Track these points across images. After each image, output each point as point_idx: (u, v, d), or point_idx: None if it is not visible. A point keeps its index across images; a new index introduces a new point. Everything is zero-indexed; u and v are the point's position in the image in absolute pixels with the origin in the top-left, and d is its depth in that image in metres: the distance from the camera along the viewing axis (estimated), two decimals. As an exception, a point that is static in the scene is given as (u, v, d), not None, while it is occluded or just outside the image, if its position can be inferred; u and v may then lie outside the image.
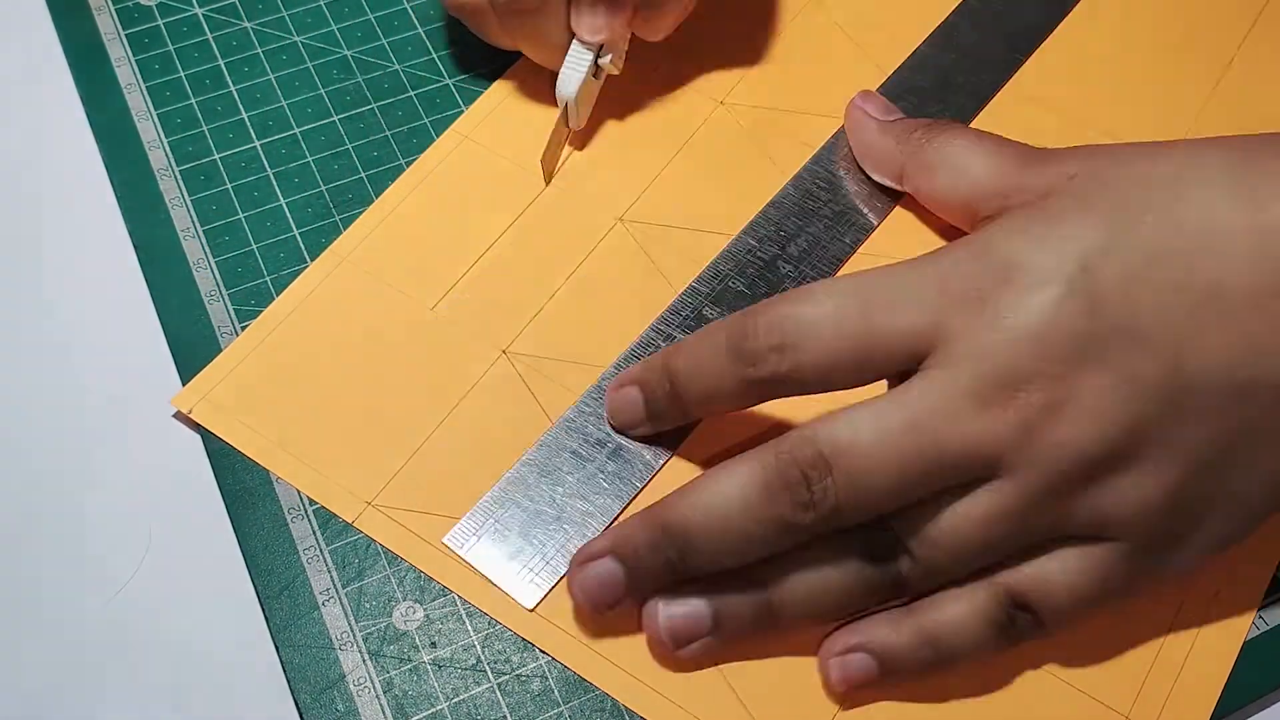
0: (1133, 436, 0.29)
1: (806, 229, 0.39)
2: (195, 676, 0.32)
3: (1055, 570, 0.31)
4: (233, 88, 0.43)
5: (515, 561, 0.33)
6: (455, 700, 0.32)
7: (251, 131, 0.42)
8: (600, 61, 0.40)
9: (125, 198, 0.40)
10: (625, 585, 0.31)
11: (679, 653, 0.32)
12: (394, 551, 0.34)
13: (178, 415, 0.36)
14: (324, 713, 0.32)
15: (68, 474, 0.35)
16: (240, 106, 0.42)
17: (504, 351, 0.37)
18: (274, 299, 0.38)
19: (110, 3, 0.44)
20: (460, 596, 0.33)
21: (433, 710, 0.32)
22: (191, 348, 0.37)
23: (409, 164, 0.41)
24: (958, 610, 0.31)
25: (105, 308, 0.38)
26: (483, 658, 0.33)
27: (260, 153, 0.41)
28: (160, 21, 0.44)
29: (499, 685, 0.32)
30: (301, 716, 0.32)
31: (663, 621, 0.31)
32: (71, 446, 0.36)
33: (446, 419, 0.35)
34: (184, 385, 0.36)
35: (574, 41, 0.39)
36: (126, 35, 0.44)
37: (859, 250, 0.39)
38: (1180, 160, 0.31)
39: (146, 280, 0.38)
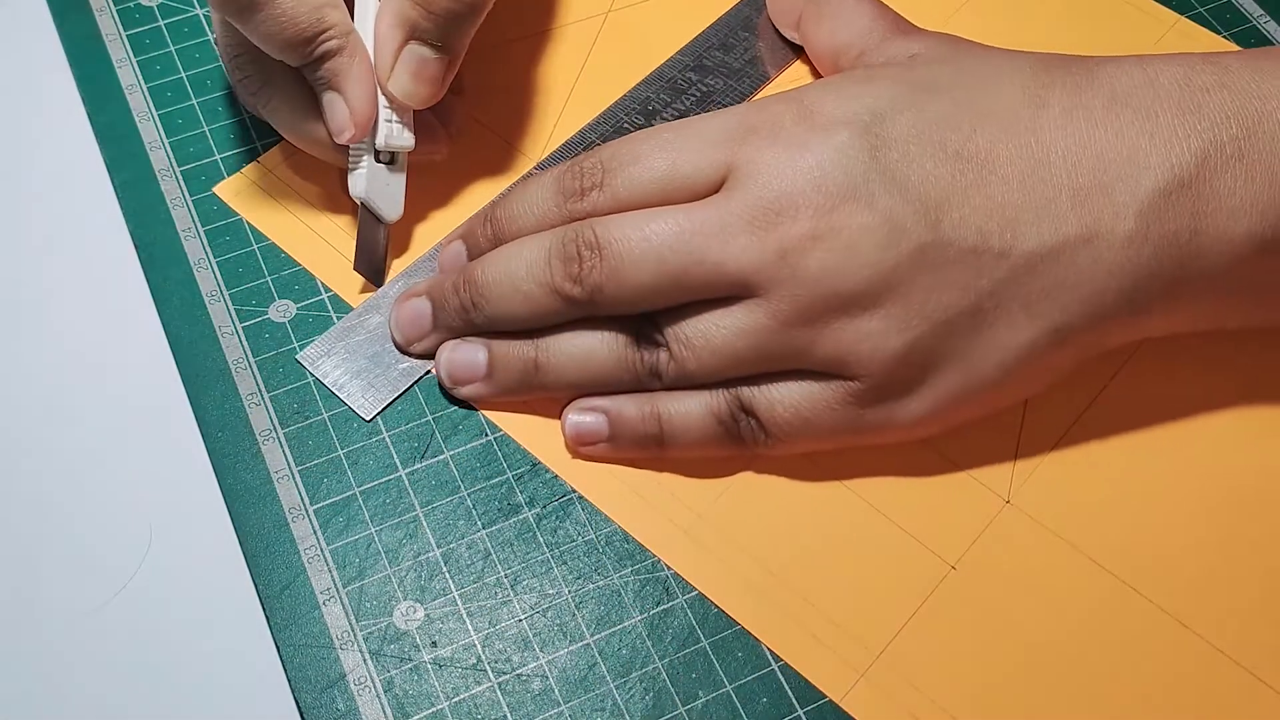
0: (883, 281, 0.32)
1: (704, 81, 0.43)
2: (195, 676, 0.32)
3: (786, 390, 0.34)
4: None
5: (358, 380, 0.37)
6: (455, 700, 0.32)
7: (252, 132, 0.42)
8: (382, 146, 0.37)
9: (125, 198, 0.40)
10: (431, 321, 0.36)
11: (456, 392, 0.36)
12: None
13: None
14: (324, 712, 0.32)
15: (68, 474, 0.35)
16: (241, 107, 0.42)
17: (537, 164, 0.41)
18: (275, 300, 0.38)
19: (111, 3, 0.44)
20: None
21: (433, 710, 0.32)
22: (191, 348, 0.37)
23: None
24: (691, 401, 0.35)
25: (105, 308, 0.38)
26: (483, 657, 0.33)
27: (261, 153, 0.41)
28: (161, 22, 0.44)
29: (499, 685, 0.32)
30: (302, 716, 0.32)
31: (444, 361, 0.36)
32: (72, 446, 0.36)
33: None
34: (185, 388, 0.36)
35: None
36: (128, 36, 0.44)
37: (752, 98, 0.42)
38: (1001, 62, 0.35)
39: (146, 280, 0.38)
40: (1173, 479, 0.35)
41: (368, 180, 0.37)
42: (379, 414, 0.36)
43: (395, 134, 0.37)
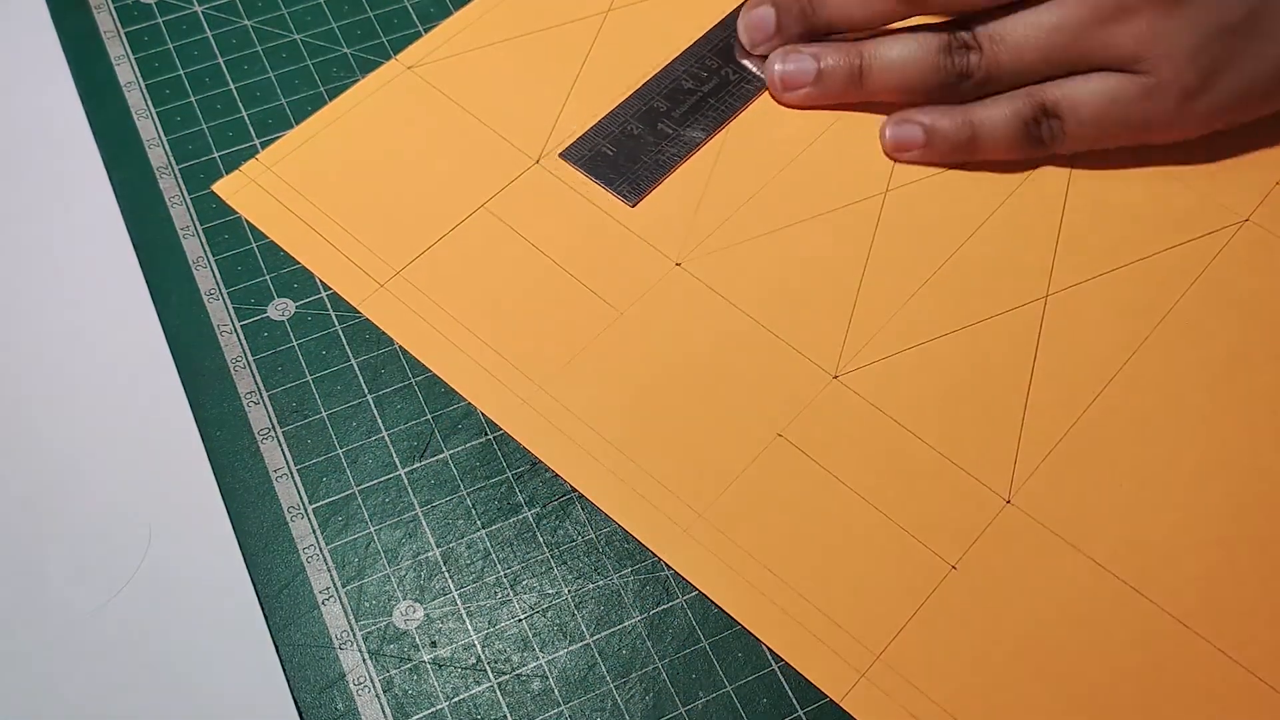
0: None
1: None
2: (195, 676, 0.32)
3: (1084, 87, 0.38)
4: (232, 85, 0.42)
5: (618, 172, 0.40)
6: (455, 700, 0.32)
7: (251, 130, 0.41)
8: None
9: (125, 197, 0.40)
10: (774, 25, 0.41)
11: (785, 97, 0.41)
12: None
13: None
14: (324, 712, 0.32)
15: (67, 473, 0.35)
16: (240, 105, 0.42)
17: (538, 161, 0.41)
18: (274, 298, 0.38)
19: (110, 0, 0.44)
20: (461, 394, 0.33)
21: (433, 710, 0.32)
22: (190, 346, 0.37)
23: (409, 162, 0.41)
24: (998, 107, 0.39)
25: (103, 306, 0.38)
26: (483, 657, 0.33)
27: (259, 151, 0.41)
28: (160, 19, 0.44)
29: (499, 685, 0.32)
30: (301, 716, 0.32)
31: (776, 71, 0.41)
32: (70, 446, 0.36)
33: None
34: (183, 386, 0.36)
35: None
36: (126, 33, 0.44)
37: None
38: None
39: (146, 280, 0.38)
40: (1173, 479, 0.35)
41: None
42: (640, 199, 0.39)
43: None
